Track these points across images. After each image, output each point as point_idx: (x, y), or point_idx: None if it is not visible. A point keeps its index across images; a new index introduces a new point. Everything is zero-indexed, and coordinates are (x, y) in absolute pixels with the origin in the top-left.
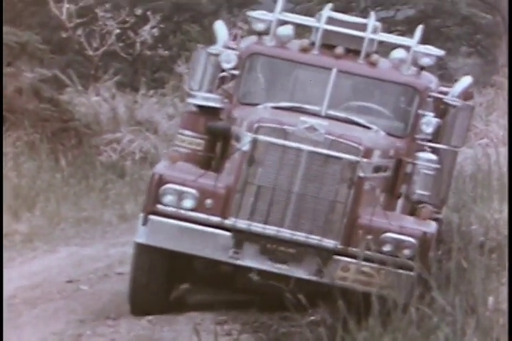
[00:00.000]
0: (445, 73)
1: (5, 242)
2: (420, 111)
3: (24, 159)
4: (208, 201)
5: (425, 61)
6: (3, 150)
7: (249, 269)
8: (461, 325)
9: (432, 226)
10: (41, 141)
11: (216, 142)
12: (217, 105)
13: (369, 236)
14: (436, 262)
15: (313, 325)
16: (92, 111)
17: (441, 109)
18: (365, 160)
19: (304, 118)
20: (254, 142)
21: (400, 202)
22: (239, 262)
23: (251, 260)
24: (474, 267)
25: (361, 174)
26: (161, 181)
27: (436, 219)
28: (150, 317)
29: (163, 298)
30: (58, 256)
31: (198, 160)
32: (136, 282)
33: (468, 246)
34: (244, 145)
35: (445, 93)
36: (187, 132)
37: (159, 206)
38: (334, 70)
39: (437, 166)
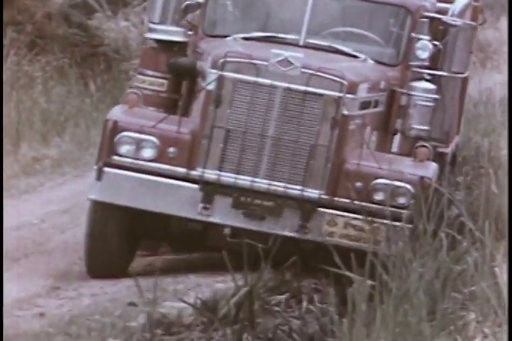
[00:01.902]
0: None
1: (36, 167)
2: (414, 35)
3: (53, 84)
4: (171, 150)
5: None
6: (33, 74)
7: (222, 226)
8: (490, 249)
9: (430, 169)
10: (70, 66)
11: (181, 81)
12: (180, 39)
13: (358, 184)
14: (465, 188)
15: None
16: (121, 37)
17: (440, 31)
18: (349, 95)
19: (276, 50)
20: (220, 80)
21: (397, 139)
22: (209, 219)
23: (223, 216)
24: (504, 192)
25: (346, 112)
26: (116, 128)
27: (440, 154)
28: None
29: (123, 260)
30: (87, 182)
31: (161, 103)
32: (93, 245)
33: (498, 170)
34: (209, 84)
35: (444, 12)
36: (147, 71)
37: (115, 157)
38: None
39: (436, 96)
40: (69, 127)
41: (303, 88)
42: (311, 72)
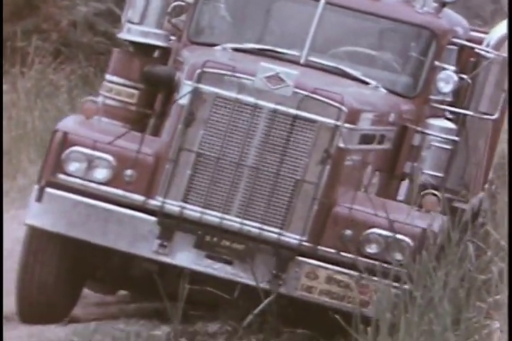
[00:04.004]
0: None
1: None
2: (438, 63)
3: (78, 92)
4: (128, 172)
5: None
6: (57, 83)
7: (181, 269)
8: (507, 251)
9: (436, 222)
10: (95, 75)
11: (156, 94)
12: (160, 43)
13: (347, 232)
14: (490, 197)
15: None
16: None
17: (470, 63)
18: (348, 125)
19: (265, 64)
20: (195, 93)
21: (404, 185)
22: (166, 259)
23: (182, 257)
24: None
25: (342, 144)
26: (66, 142)
27: (455, 210)
28: None
29: (62, 304)
30: None
31: (129, 118)
32: (25, 281)
33: None
34: (182, 98)
35: (477, 42)
36: (116, 78)
37: (61, 176)
38: (322, 2)
39: (456, 138)
40: None
41: (293, 111)
42: (305, 93)
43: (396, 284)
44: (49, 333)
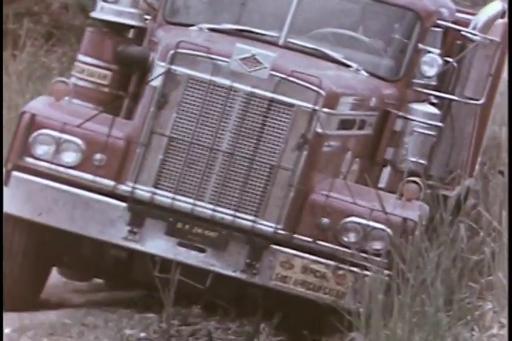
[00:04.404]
0: None
1: None
2: (422, 46)
3: (69, 75)
4: (98, 156)
5: None
6: (49, 65)
7: (151, 257)
8: (507, 239)
9: (417, 211)
10: None
11: (130, 75)
12: (135, 23)
13: (325, 220)
14: (482, 178)
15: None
16: None
17: (455, 46)
18: (326, 109)
19: (242, 45)
20: (168, 75)
21: (386, 172)
22: (136, 246)
23: (153, 244)
24: None
25: (320, 129)
26: (34, 124)
27: (439, 198)
28: None
29: (28, 290)
30: None
31: (101, 100)
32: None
33: None
34: (154, 79)
35: (463, 24)
36: (88, 59)
37: (28, 159)
38: None
39: (440, 124)
40: None
41: (269, 95)
42: (282, 75)
43: (377, 273)
44: (41, 316)
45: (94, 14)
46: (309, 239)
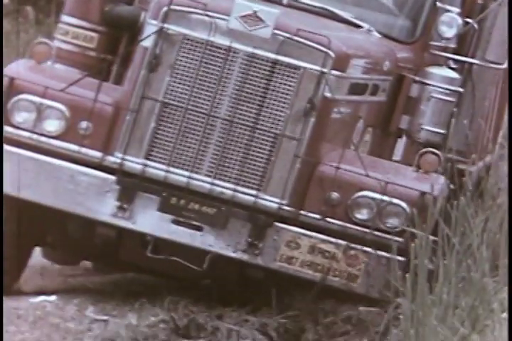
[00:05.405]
0: None
1: None
2: (440, 4)
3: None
4: (84, 124)
5: None
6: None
7: (143, 235)
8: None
9: (436, 184)
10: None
11: (119, 38)
12: None
13: (334, 195)
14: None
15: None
16: None
17: (477, 5)
18: (336, 72)
19: (242, 1)
20: (160, 34)
21: (401, 143)
22: (125, 224)
23: (144, 221)
24: None
25: (328, 94)
26: (13, 88)
27: (459, 172)
28: None
29: (11, 270)
30: None
31: (86, 64)
32: None
33: None
34: (145, 39)
35: None
36: (73, 20)
37: (7, 128)
38: None
39: (460, 90)
40: None
41: (272, 56)
42: (287, 35)
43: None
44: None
45: None
46: (317, 216)
